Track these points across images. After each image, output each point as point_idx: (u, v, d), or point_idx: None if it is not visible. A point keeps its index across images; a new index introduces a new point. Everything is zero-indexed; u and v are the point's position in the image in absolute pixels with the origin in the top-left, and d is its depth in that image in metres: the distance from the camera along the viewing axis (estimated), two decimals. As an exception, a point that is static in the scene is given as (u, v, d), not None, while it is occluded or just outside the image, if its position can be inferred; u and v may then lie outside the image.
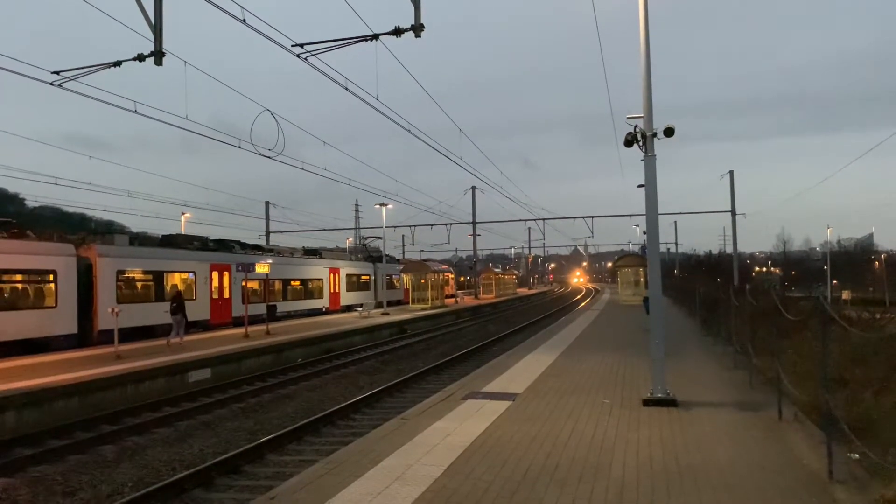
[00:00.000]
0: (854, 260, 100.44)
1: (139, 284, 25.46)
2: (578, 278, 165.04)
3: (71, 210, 49.60)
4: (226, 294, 30.22)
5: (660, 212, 11.00)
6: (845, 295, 66.80)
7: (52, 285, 21.06)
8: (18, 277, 20.44)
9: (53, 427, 12.59)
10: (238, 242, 35.36)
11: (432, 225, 61.71)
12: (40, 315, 20.61)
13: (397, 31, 12.49)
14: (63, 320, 21.28)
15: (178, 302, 22.52)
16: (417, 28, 12.21)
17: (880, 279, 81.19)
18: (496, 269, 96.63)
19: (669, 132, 10.45)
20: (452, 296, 62.02)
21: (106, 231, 34.83)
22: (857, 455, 6.41)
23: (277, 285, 34.92)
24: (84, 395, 14.20)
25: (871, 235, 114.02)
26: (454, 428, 8.87)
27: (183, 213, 48.20)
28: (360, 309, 37.74)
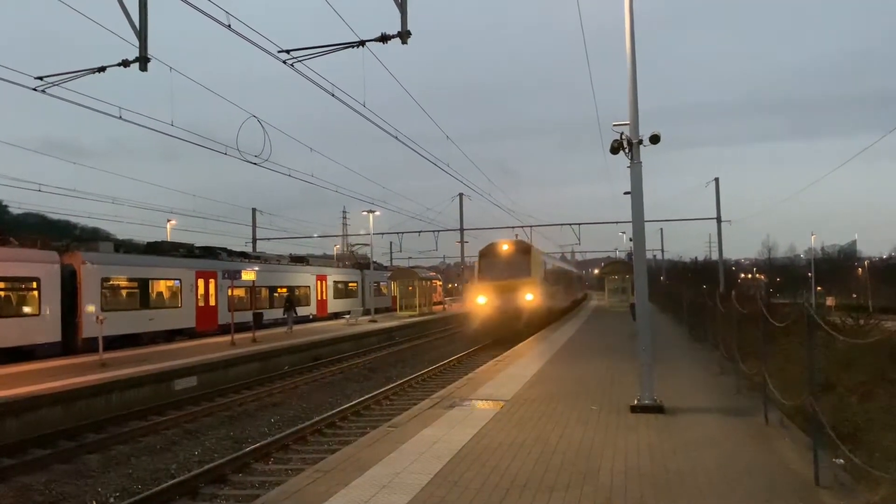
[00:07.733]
0: (837, 266, 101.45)
1: (124, 292, 25.22)
2: None
3: (55, 217, 49.00)
4: (212, 301, 29.99)
5: (646, 218, 11.03)
6: (830, 301, 67.41)
7: (36, 293, 20.83)
8: (1, 285, 20.20)
9: (37, 436, 12.43)
10: (224, 249, 35.10)
11: (420, 232, 61.42)
12: (23, 323, 20.37)
13: (384, 38, 12.44)
14: (47, 328, 21.04)
15: (290, 301, 32.59)
16: (404, 34, 12.18)
17: (864, 285, 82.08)
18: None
19: (655, 139, 10.46)
20: (440, 303, 62.00)
21: (91, 238, 34.59)
22: (842, 460, 6.44)
23: (264, 292, 34.75)
24: (68, 404, 14.03)
25: (854, 242, 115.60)
26: (442, 435, 8.84)
27: (168, 220, 47.87)
28: (348, 316, 37.63)
